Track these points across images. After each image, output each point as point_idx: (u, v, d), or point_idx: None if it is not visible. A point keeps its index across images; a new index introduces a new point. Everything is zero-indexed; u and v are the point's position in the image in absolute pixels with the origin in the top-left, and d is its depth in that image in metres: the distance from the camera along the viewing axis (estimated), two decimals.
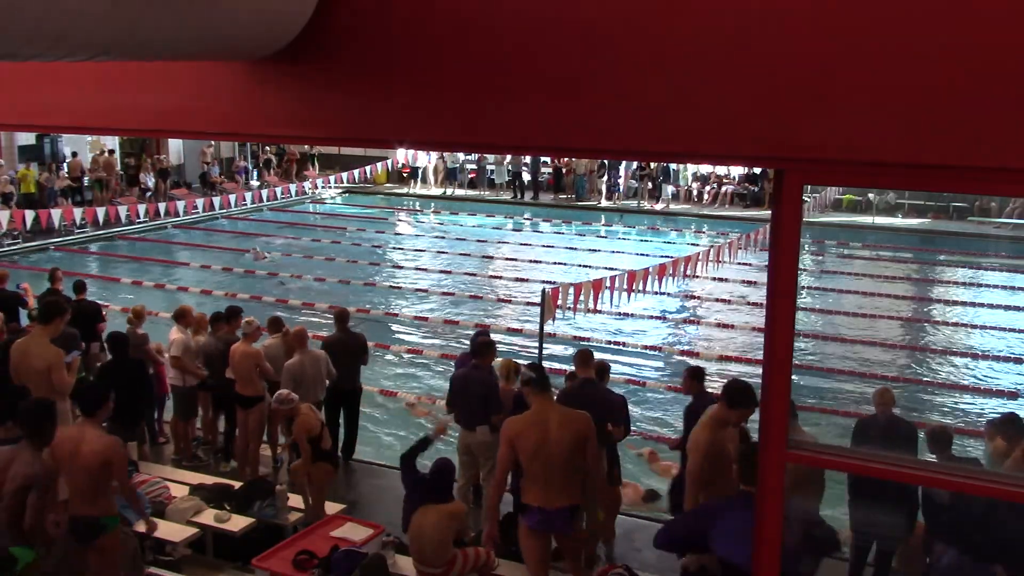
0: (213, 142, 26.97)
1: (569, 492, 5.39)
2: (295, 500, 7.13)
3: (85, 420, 5.40)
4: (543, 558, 5.59)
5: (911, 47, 2.63)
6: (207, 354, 8.45)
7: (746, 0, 2.80)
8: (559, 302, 9.73)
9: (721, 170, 26.24)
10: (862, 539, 6.11)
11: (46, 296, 9.17)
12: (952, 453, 5.88)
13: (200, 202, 22.65)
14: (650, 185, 26.33)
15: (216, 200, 23.07)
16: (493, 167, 28.08)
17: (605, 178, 26.87)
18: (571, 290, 10.29)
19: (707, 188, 26.67)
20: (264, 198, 25.26)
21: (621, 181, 27.14)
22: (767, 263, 3.17)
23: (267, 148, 29.23)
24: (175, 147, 27.24)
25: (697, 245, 19.95)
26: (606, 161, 26.18)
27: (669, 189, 26.48)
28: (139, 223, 21.31)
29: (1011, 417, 6.20)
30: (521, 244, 21.65)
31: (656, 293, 14.29)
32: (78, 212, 20.39)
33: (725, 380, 11.97)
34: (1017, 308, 15.48)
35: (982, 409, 10.93)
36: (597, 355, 7.53)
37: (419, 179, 28.94)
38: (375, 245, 21.22)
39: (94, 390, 5.83)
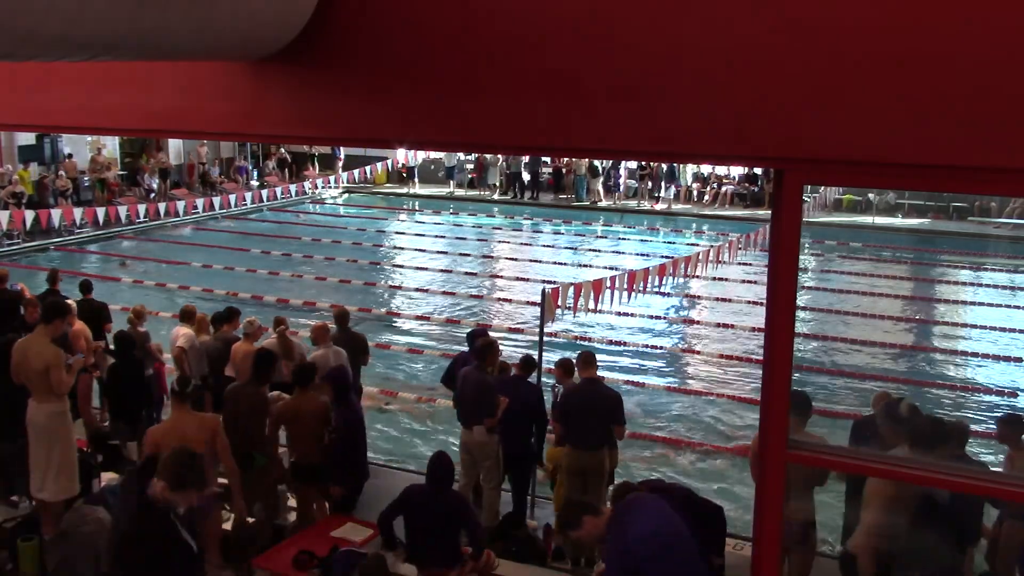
0: (206, 143, 26.96)
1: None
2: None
3: (301, 391, 6.78)
4: None
5: (911, 48, 2.63)
6: (209, 354, 8.46)
7: (745, 1, 2.80)
8: (559, 302, 9.72)
9: (721, 170, 26.23)
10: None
11: (46, 297, 9.16)
12: (964, 452, 5.84)
13: (200, 202, 22.64)
14: (650, 185, 26.33)
15: (216, 200, 23.08)
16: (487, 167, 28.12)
17: (601, 178, 26.85)
18: (571, 290, 10.29)
19: (707, 188, 26.68)
20: (264, 198, 25.25)
21: (621, 181, 27.16)
22: (767, 263, 3.17)
23: (281, 148, 29.20)
24: (175, 147, 27.22)
25: (697, 245, 19.94)
26: (599, 164, 26.21)
27: (671, 189, 26.47)
28: (139, 223, 21.32)
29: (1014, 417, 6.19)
30: (521, 244, 21.63)
31: (656, 293, 14.28)
32: (78, 212, 20.36)
33: (724, 380, 12.06)
34: (1017, 308, 15.49)
35: (982, 409, 10.94)
36: (597, 355, 7.55)
37: (416, 179, 29.01)
38: (375, 245, 21.23)
39: (307, 369, 6.99)
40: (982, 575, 5.83)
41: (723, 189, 26.37)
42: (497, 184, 27.85)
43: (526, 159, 26.78)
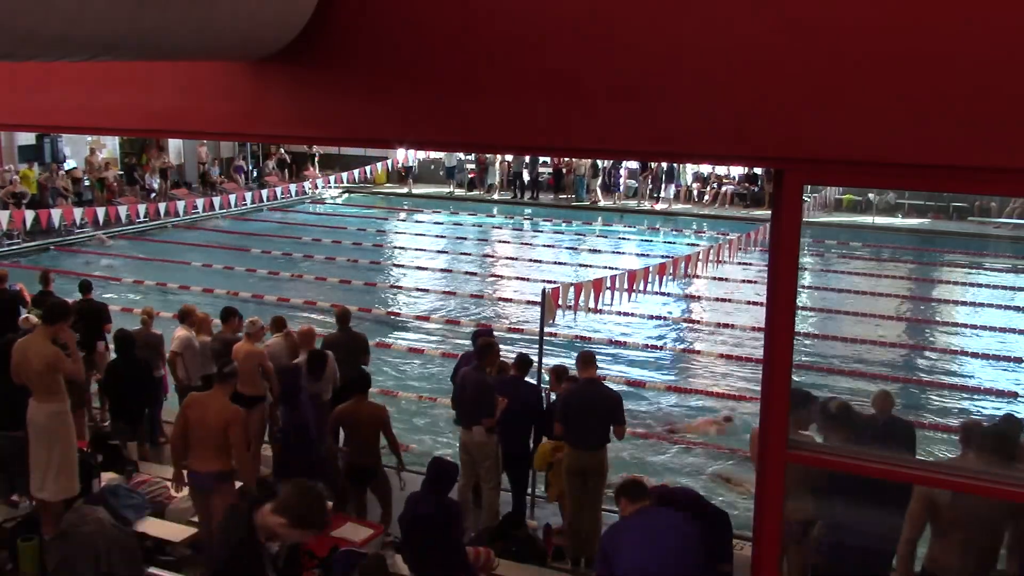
0: (207, 142, 26.97)
1: (219, 460, 6.26)
2: None
3: (358, 398, 6.96)
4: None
5: (910, 48, 2.63)
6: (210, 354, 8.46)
7: (745, 1, 2.80)
8: (559, 302, 9.72)
9: (721, 170, 26.24)
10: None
11: (41, 298, 9.16)
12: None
13: (200, 202, 22.63)
14: (650, 185, 26.34)
15: (216, 200, 23.07)
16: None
17: (600, 179, 26.85)
18: (571, 290, 10.29)
19: (707, 188, 26.68)
20: (264, 198, 25.25)
21: (621, 181, 27.16)
22: (767, 263, 3.17)
23: (282, 148, 29.19)
24: (175, 147, 27.22)
25: (697, 245, 19.94)
26: (599, 164, 26.21)
27: (671, 189, 26.48)
28: (139, 223, 21.31)
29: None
30: (521, 244, 21.62)
31: (656, 293, 14.29)
32: (78, 212, 20.35)
33: (726, 379, 12.05)
34: (1017, 308, 15.49)
35: (981, 409, 10.93)
36: (597, 355, 7.55)
37: (411, 178, 29.02)
38: (375, 245, 21.23)
39: (364, 377, 7.20)
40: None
41: (723, 189, 26.37)
42: (496, 184, 27.84)
43: (527, 159, 26.80)
